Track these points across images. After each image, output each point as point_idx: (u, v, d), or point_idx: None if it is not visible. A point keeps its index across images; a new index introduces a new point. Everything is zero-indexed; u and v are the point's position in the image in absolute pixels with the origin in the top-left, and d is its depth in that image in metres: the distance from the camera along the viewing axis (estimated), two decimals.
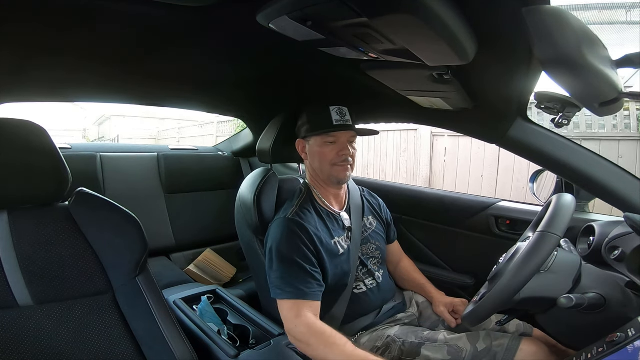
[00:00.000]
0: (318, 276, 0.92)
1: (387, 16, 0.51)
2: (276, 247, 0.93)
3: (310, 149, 1.03)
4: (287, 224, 0.95)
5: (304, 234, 0.93)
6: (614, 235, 0.86)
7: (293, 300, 0.88)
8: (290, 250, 0.91)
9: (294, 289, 0.88)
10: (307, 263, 0.91)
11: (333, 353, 0.81)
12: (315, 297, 0.90)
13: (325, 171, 1.01)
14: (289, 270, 0.90)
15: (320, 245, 0.95)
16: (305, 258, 0.91)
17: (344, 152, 0.99)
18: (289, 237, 0.92)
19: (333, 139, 0.99)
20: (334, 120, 0.97)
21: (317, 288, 0.90)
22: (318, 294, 0.90)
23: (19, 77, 0.98)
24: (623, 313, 0.67)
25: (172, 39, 0.83)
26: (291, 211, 0.98)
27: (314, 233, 0.95)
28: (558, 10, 0.47)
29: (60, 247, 0.76)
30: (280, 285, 0.90)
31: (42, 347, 0.70)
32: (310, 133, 1.01)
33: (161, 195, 1.67)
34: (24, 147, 0.73)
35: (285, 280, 0.89)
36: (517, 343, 0.86)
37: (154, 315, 0.79)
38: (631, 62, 0.52)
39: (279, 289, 0.90)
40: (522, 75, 0.72)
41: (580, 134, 2.99)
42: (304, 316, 0.86)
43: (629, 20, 2.91)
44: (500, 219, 1.25)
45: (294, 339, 0.88)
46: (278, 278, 0.90)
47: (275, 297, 0.91)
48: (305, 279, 0.89)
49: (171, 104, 1.59)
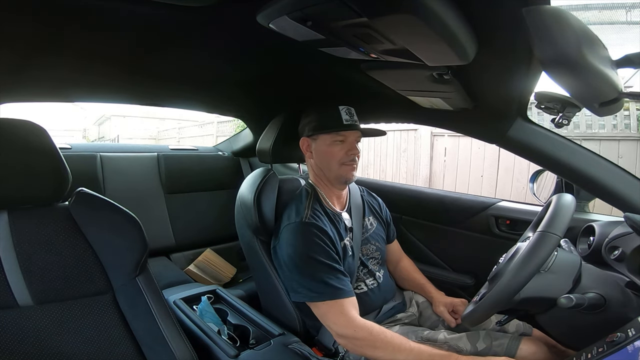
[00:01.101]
0: (345, 270, 0.92)
1: (387, 16, 0.51)
2: (298, 252, 0.91)
3: (317, 147, 1.03)
4: (305, 228, 0.93)
5: (325, 236, 0.93)
6: (614, 235, 0.86)
7: (334, 301, 0.88)
8: (314, 253, 0.90)
9: (332, 289, 0.88)
10: (335, 262, 0.91)
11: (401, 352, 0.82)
12: (352, 294, 0.90)
13: (333, 170, 1.01)
14: (321, 272, 0.89)
15: (337, 245, 0.95)
16: (331, 258, 0.91)
17: (353, 152, 1.00)
18: (310, 241, 0.91)
19: (342, 138, 1.00)
20: (344, 120, 0.98)
21: (347, 284, 0.91)
22: (350, 290, 0.91)
23: (19, 77, 0.98)
24: (623, 313, 0.67)
25: (172, 39, 0.83)
26: (305, 214, 0.96)
27: (332, 234, 0.95)
28: (558, 10, 0.47)
29: (60, 247, 0.76)
30: (314, 288, 0.89)
31: (42, 347, 0.70)
32: (319, 131, 1.01)
33: (161, 195, 1.67)
34: (24, 147, 0.73)
35: (318, 282, 0.88)
36: (517, 343, 0.86)
37: (154, 315, 0.78)
38: (631, 62, 0.52)
39: (314, 292, 0.89)
40: (522, 75, 0.72)
41: (580, 134, 2.99)
42: (357, 319, 0.86)
43: (629, 20, 2.92)
44: (500, 219, 1.25)
45: (353, 342, 0.86)
46: (309, 282, 0.89)
47: (310, 301, 0.90)
48: (339, 277, 0.90)
49: (171, 104, 1.59)
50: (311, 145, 1.04)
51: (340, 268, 0.91)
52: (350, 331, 0.86)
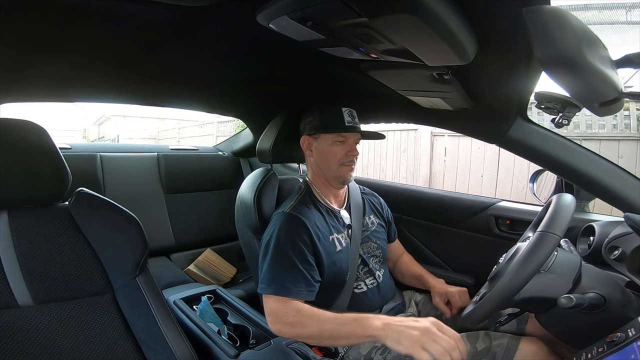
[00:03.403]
0: (309, 277, 0.91)
1: (387, 16, 0.51)
2: (272, 241, 0.93)
3: (318, 146, 1.04)
4: (285, 218, 0.96)
5: (302, 229, 0.94)
6: (614, 235, 0.86)
7: (278, 297, 0.87)
8: (285, 245, 0.91)
9: (280, 285, 0.88)
10: (301, 261, 0.91)
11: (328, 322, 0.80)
12: (300, 297, 0.88)
13: (332, 169, 1.03)
14: (281, 266, 0.90)
15: (317, 240, 0.95)
16: (299, 255, 0.91)
17: (353, 153, 1.03)
18: (286, 232, 0.93)
19: (342, 139, 1.02)
20: (346, 121, 1.01)
21: (304, 288, 0.89)
22: (304, 294, 0.89)
23: (19, 77, 0.98)
24: (623, 313, 0.67)
25: (172, 39, 0.83)
26: (290, 205, 0.99)
27: (312, 228, 0.95)
28: (558, 10, 0.47)
29: (60, 247, 0.76)
30: (267, 280, 0.89)
31: (42, 347, 0.70)
32: (321, 131, 1.02)
33: (161, 195, 1.67)
34: (24, 147, 0.73)
35: (273, 275, 0.89)
36: (517, 343, 0.86)
37: (154, 315, 0.78)
38: (631, 62, 0.52)
39: (263, 284, 0.90)
40: (522, 75, 0.72)
41: (580, 134, 2.99)
42: (291, 302, 0.86)
43: (629, 20, 2.92)
44: (500, 219, 1.25)
45: (283, 324, 0.85)
46: (267, 272, 0.90)
47: (260, 292, 0.91)
48: (295, 278, 0.89)
49: (171, 104, 1.59)
50: (312, 144, 1.05)
51: (304, 268, 0.90)
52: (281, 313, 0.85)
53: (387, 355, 0.91)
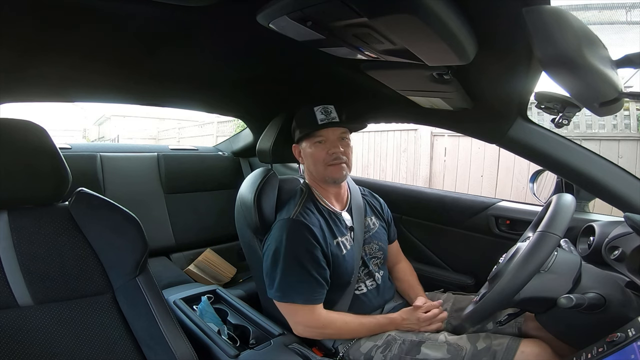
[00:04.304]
0: (323, 281, 0.93)
1: (387, 16, 0.51)
2: (282, 249, 0.92)
3: (303, 152, 1.05)
4: (291, 225, 0.95)
5: (309, 235, 0.93)
6: (614, 235, 0.86)
7: (299, 305, 0.91)
8: (296, 253, 0.92)
9: (299, 294, 0.91)
10: (313, 267, 0.92)
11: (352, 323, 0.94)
12: (319, 301, 0.93)
13: (320, 172, 1.02)
14: (296, 275, 0.91)
15: (325, 245, 0.95)
16: (311, 261, 0.92)
17: (334, 150, 0.99)
18: (294, 239, 0.93)
19: (321, 138, 1.00)
20: (318, 120, 0.98)
21: (320, 293, 0.93)
22: (322, 298, 0.93)
23: (19, 77, 0.98)
24: (623, 313, 0.66)
25: (172, 39, 0.83)
26: (294, 211, 0.98)
27: (318, 233, 0.95)
28: (558, 10, 0.47)
29: (60, 247, 0.76)
30: (284, 288, 0.91)
31: (42, 347, 0.70)
32: (299, 135, 1.02)
33: (161, 195, 1.67)
34: (24, 147, 0.73)
35: (291, 284, 0.91)
36: (517, 343, 0.85)
37: (154, 315, 0.79)
38: (631, 62, 0.52)
39: (280, 292, 0.91)
40: (522, 75, 0.72)
41: (580, 134, 2.99)
42: (315, 309, 0.92)
43: (629, 20, 2.92)
44: (500, 219, 1.25)
45: (312, 328, 0.93)
46: (282, 281, 0.91)
47: (277, 300, 0.93)
48: (311, 285, 0.91)
49: (171, 104, 1.59)
50: (300, 150, 1.06)
51: (317, 274, 0.92)
52: (307, 319, 0.93)
53: (387, 354, 0.92)
